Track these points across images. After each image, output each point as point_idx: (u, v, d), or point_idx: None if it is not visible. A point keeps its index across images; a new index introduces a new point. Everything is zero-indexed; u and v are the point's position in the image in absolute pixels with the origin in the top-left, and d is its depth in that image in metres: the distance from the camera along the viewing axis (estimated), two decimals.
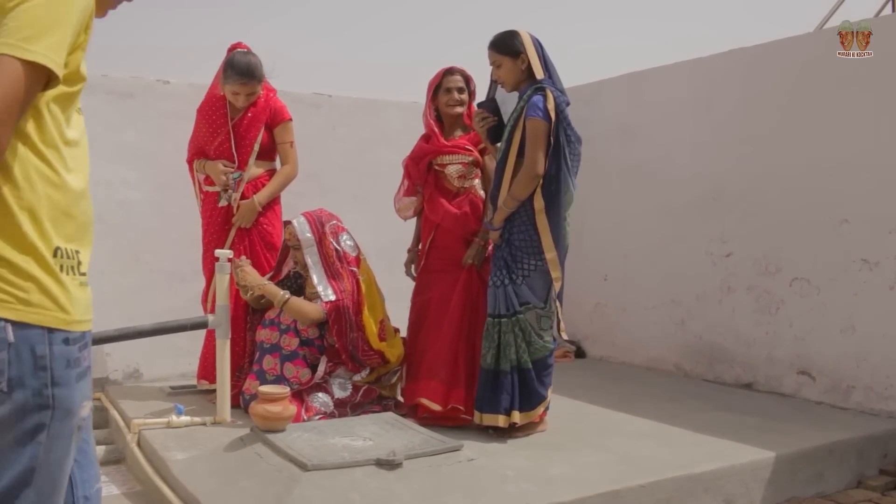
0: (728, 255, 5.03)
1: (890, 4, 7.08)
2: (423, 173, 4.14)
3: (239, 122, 4.26)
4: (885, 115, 4.23)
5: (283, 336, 3.97)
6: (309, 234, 4.01)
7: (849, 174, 4.38)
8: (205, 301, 4.39)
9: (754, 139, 4.87)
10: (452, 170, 4.07)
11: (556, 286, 3.77)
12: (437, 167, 4.12)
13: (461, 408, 3.88)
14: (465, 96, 4.10)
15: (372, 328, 4.02)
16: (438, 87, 4.12)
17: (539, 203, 3.68)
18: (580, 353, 6.11)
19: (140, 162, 4.94)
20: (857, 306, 4.34)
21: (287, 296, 3.91)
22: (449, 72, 4.11)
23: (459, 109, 4.12)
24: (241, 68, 4.13)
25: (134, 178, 4.93)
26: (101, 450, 4.04)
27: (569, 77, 3.95)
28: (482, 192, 4.13)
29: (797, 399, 4.58)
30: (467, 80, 4.10)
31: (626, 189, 5.75)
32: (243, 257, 4.06)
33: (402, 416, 3.83)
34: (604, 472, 3.21)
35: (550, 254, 3.71)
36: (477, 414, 3.77)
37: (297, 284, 4.23)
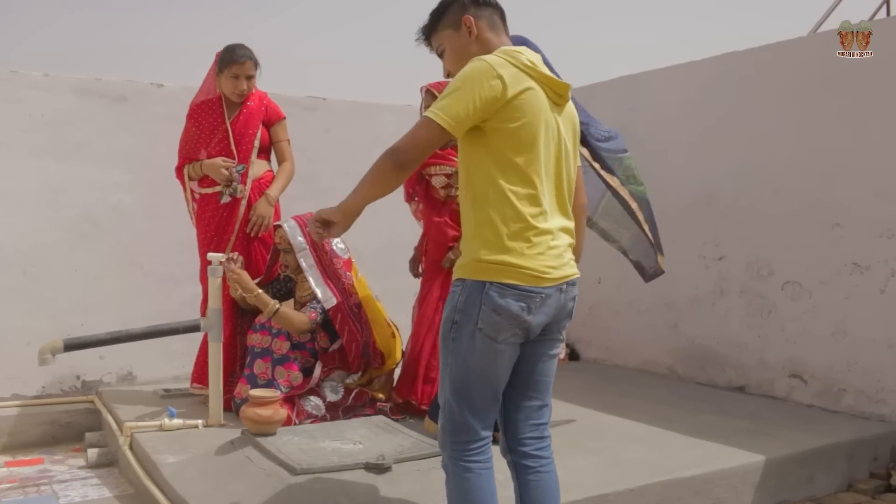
0: (721, 258, 5.05)
1: (885, 8, 7.09)
2: (414, 182, 4.23)
3: (236, 120, 4.27)
4: (877, 119, 4.24)
5: (275, 340, 3.98)
6: (301, 238, 4.02)
7: (841, 178, 4.39)
8: (204, 306, 4.37)
9: (747, 143, 4.88)
10: (437, 181, 4.13)
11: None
12: (426, 177, 4.18)
13: (414, 402, 4.06)
14: None
15: (375, 327, 4.08)
16: None
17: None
18: (573, 356, 6.12)
19: (134, 165, 4.95)
20: (849, 310, 4.35)
21: (276, 306, 3.92)
22: (424, 91, 4.14)
23: None
24: (238, 50, 4.20)
25: (127, 182, 4.93)
26: (93, 453, 4.06)
27: (564, 78, 3.96)
28: None
29: (789, 402, 4.59)
30: (437, 97, 4.09)
31: None
32: (235, 253, 4.03)
33: (394, 419, 3.85)
34: (593, 476, 3.21)
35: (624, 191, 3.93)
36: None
37: (287, 288, 4.25)
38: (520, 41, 3.82)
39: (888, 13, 7.01)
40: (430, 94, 4.11)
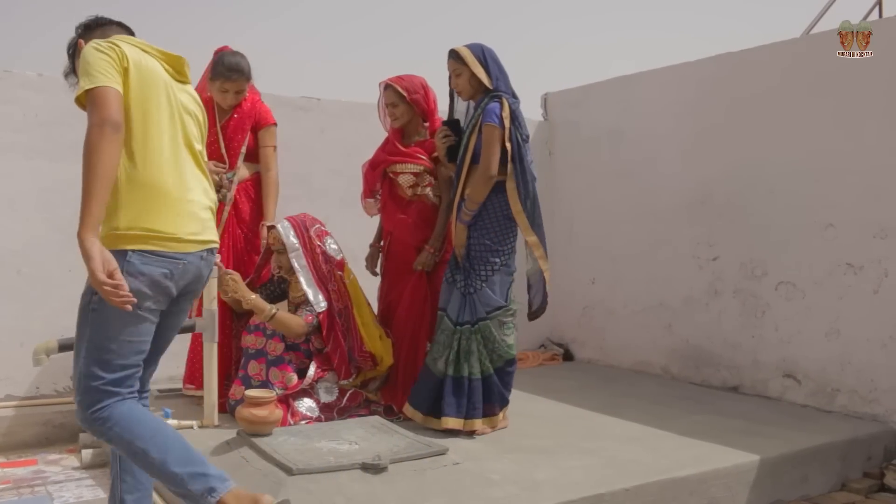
0: (715, 258, 5.06)
1: (877, 9, 7.11)
2: (377, 180, 4.30)
3: (226, 124, 4.28)
4: (870, 120, 4.26)
5: (269, 341, 3.98)
6: (294, 239, 4.01)
7: (834, 179, 4.41)
8: None
9: (741, 143, 4.89)
10: (403, 179, 4.19)
11: (544, 266, 3.93)
12: (391, 175, 4.22)
13: (395, 408, 4.14)
14: (399, 110, 4.17)
15: (365, 329, 4.08)
16: None
17: (517, 206, 3.83)
18: (568, 356, 6.13)
19: None
20: (842, 310, 4.37)
21: (273, 311, 3.90)
22: (384, 87, 4.22)
23: (394, 124, 4.24)
24: (230, 65, 4.19)
25: None
26: (87, 453, 4.05)
27: (558, 79, 4.01)
28: (435, 199, 4.25)
29: (783, 402, 4.61)
30: (401, 93, 4.14)
31: (615, 193, 5.78)
32: (230, 271, 4.03)
33: (389, 420, 3.85)
34: (589, 476, 3.22)
35: (531, 237, 3.88)
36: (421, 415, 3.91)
37: (281, 289, 4.24)
38: (478, 48, 3.91)
39: (881, 15, 7.03)
40: (392, 90, 4.16)
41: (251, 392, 3.43)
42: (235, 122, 4.28)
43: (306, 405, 3.89)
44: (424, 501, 2.91)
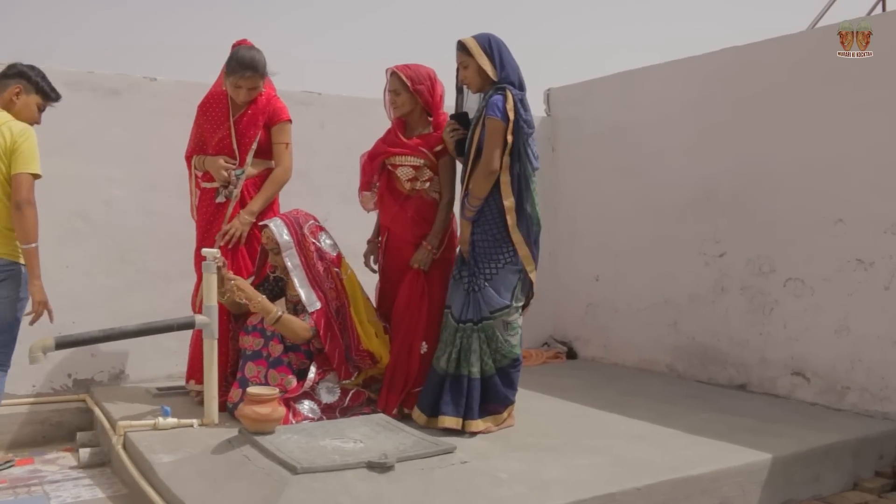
0: (721, 255, 5.00)
1: (881, 3, 7.06)
2: (376, 171, 4.21)
3: (239, 119, 4.21)
4: (879, 114, 4.20)
5: (269, 342, 3.91)
6: (287, 237, 3.94)
7: (843, 174, 4.36)
8: (195, 299, 4.31)
9: (747, 139, 4.84)
10: (402, 172, 4.12)
11: (532, 276, 3.89)
12: (389, 167, 4.15)
13: (380, 410, 4.02)
14: (401, 98, 4.08)
15: (361, 327, 4.01)
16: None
17: (509, 201, 3.78)
18: (572, 354, 6.08)
19: (126, 160, 4.87)
20: (852, 307, 4.31)
21: (279, 313, 3.84)
22: (390, 74, 4.13)
23: (395, 112, 4.17)
24: (244, 61, 4.10)
25: (119, 177, 4.85)
26: (85, 452, 3.99)
27: (560, 75, 3.95)
28: (435, 195, 4.15)
29: (791, 400, 4.55)
30: (405, 81, 4.06)
31: (618, 189, 5.73)
32: (234, 276, 3.95)
33: (395, 417, 3.79)
34: (598, 475, 3.16)
35: (523, 250, 3.83)
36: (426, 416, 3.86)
37: (278, 288, 4.17)
38: (485, 39, 3.83)
39: (884, 8, 6.99)
40: (396, 77, 4.07)
41: (253, 389, 3.36)
42: (248, 118, 4.20)
43: (307, 406, 3.83)
44: (431, 501, 2.85)
